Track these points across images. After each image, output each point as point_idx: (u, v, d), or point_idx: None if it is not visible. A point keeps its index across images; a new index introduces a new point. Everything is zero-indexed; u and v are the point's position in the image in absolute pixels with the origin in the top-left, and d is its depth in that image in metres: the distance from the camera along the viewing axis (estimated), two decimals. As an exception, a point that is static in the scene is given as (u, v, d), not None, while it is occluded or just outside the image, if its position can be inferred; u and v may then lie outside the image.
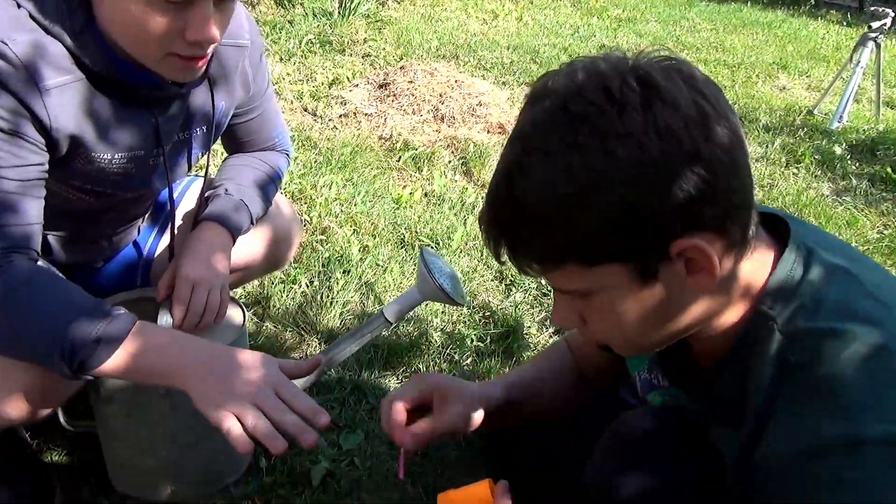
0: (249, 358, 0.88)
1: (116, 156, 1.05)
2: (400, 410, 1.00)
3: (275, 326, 1.73)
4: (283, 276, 1.87)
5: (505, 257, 0.75)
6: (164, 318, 1.19)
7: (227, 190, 1.29)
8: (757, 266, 0.77)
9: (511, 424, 1.17)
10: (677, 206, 0.67)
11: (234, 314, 1.30)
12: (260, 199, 1.33)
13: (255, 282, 1.84)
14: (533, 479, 1.39)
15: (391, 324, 1.29)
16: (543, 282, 2.09)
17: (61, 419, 1.33)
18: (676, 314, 0.75)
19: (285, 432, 0.85)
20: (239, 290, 1.80)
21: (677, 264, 0.71)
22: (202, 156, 1.26)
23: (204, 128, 1.21)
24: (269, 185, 1.37)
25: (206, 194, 1.32)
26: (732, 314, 0.77)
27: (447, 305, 1.86)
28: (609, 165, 0.66)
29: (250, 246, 1.38)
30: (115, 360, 0.85)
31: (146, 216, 1.38)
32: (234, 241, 1.26)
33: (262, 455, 1.40)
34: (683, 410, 0.87)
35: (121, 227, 1.29)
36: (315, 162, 2.42)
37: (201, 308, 1.17)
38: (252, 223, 1.31)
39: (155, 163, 1.13)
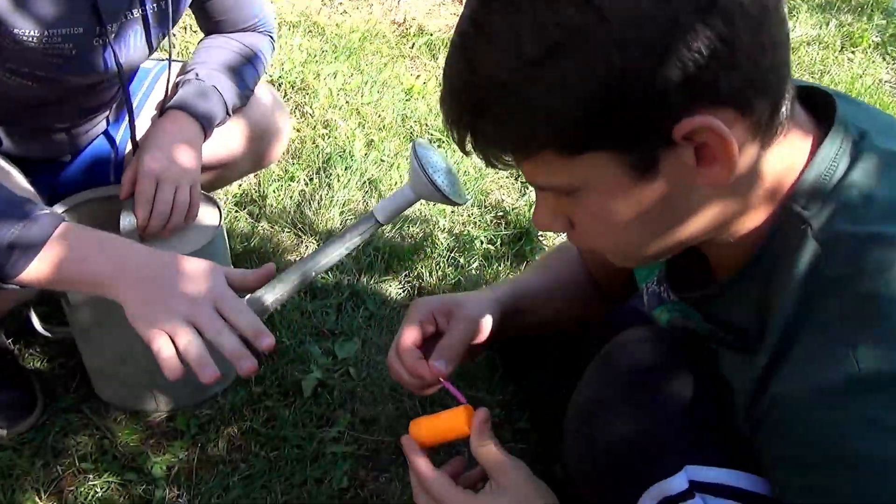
0: (192, 266, 0.77)
1: (46, 33, 0.92)
2: (413, 351, 0.86)
3: (270, 227, 1.62)
4: (280, 172, 1.75)
5: (471, 146, 0.61)
6: (128, 220, 1.08)
7: (197, 74, 1.15)
8: (790, 155, 0.61)
9: (515, 334, 1.04)
10: (683, 73, 0.51)
11: (209, 214, 1.19)
12: (236, 86, 1.19)
13: (252, 178, 1.72)
14: (540, 397, 1.30)
15: (381, 224, 1.17)
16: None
17: (37, 325, 1.26)
18: (682, 218, 0.60)
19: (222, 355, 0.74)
20: (233, 188, 1.69)
21: (684, 152, 0.55)
22: (164, 36, 1.12)
23: (161, 3, 1.06)
24: (247, 69, 1.22)
25: (176, 80, 1.19)
26: (755, 217, 0.63)
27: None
28: (590, 18, 0.50)
29: (227, 140, 1.25)
30: (38, 268, 0.75)
31: (115, 107, 1.25)
32: (207, 133, 1.14)
33: (250, 363, 1.32)
34: (692, 333, 0.74)
35: (80, 118, 1.17)
36: (321, 50, 2.25)
37: (167, 207, 1.05)
38: (228, 113, 1.18)
39: (100, 44, 1.00)
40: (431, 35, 2.44)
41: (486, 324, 0.89)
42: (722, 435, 0.65)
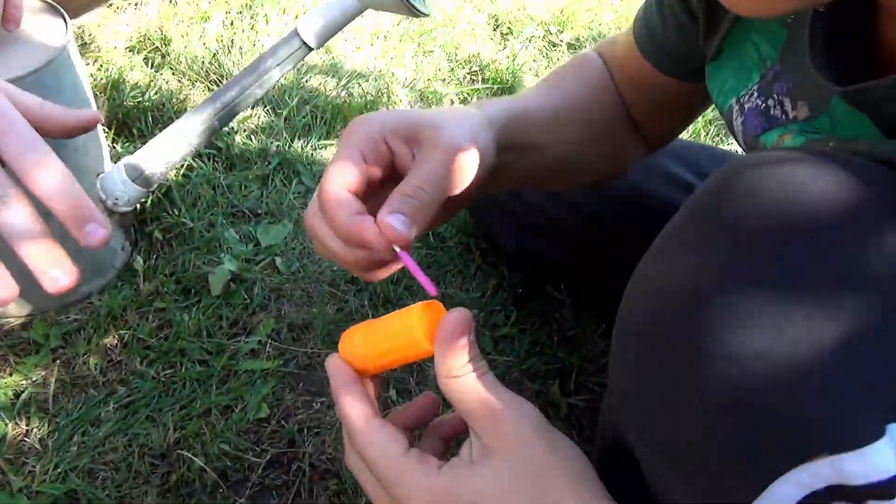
0: None
1: None
2: (349, 201, 0.46)
3: (176, 79, 1.24)
4: (189, 12, 1.34)
5: None
6: None
7: None
8: None
9: (506, 186, 0.66)
10: None
11: (48, 26, 0.80)
12: None
13: (153, 17, 1.32)
14: (535, 291, 0.98)
15: (310, 49, 0.82)
16: (553, 30, 1.56)
17: None
18: None
19: None
20: (126, 28, 1.29)
21: None
22: None
23: None
24: None
25: None
26: None
27: (416, 52, 1.36)
28: None
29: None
30: None
31: None
32: None
33: (137, 252, 0.97)
34: (858, 157, 0.37)
35: None
36: None
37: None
38: None
39: None
40: None
41: (471, 159, 0.49)
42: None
